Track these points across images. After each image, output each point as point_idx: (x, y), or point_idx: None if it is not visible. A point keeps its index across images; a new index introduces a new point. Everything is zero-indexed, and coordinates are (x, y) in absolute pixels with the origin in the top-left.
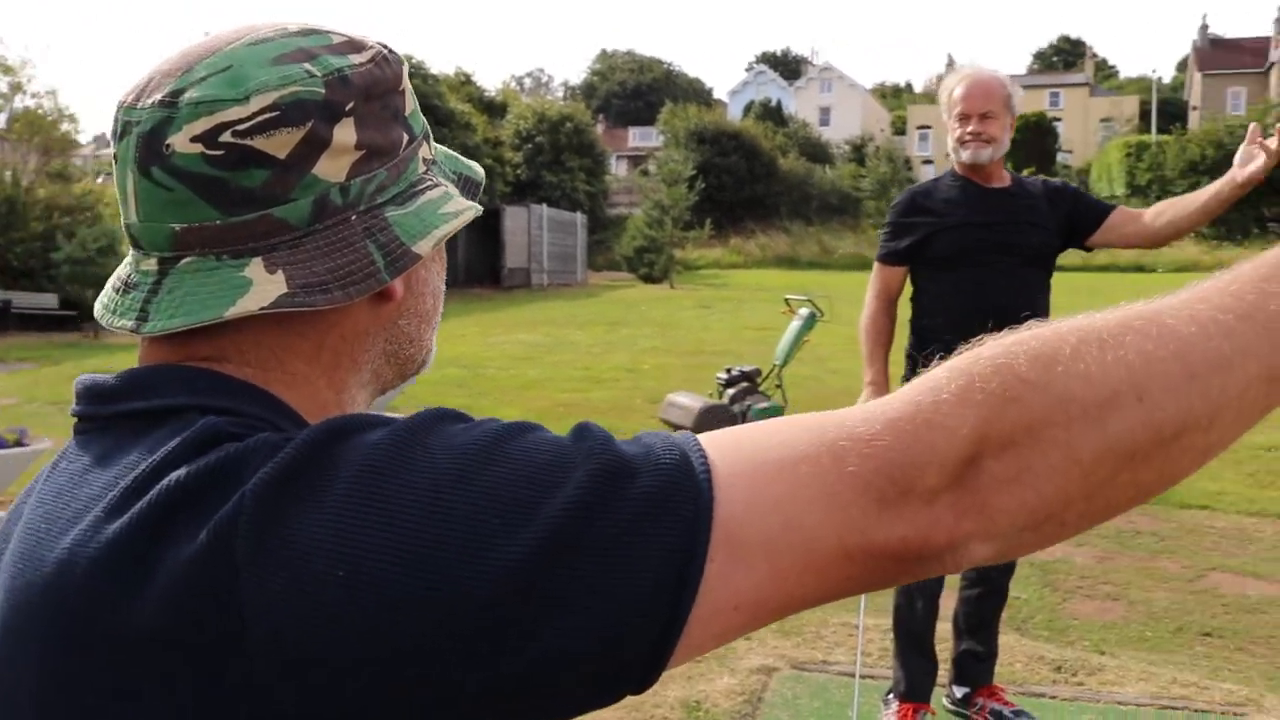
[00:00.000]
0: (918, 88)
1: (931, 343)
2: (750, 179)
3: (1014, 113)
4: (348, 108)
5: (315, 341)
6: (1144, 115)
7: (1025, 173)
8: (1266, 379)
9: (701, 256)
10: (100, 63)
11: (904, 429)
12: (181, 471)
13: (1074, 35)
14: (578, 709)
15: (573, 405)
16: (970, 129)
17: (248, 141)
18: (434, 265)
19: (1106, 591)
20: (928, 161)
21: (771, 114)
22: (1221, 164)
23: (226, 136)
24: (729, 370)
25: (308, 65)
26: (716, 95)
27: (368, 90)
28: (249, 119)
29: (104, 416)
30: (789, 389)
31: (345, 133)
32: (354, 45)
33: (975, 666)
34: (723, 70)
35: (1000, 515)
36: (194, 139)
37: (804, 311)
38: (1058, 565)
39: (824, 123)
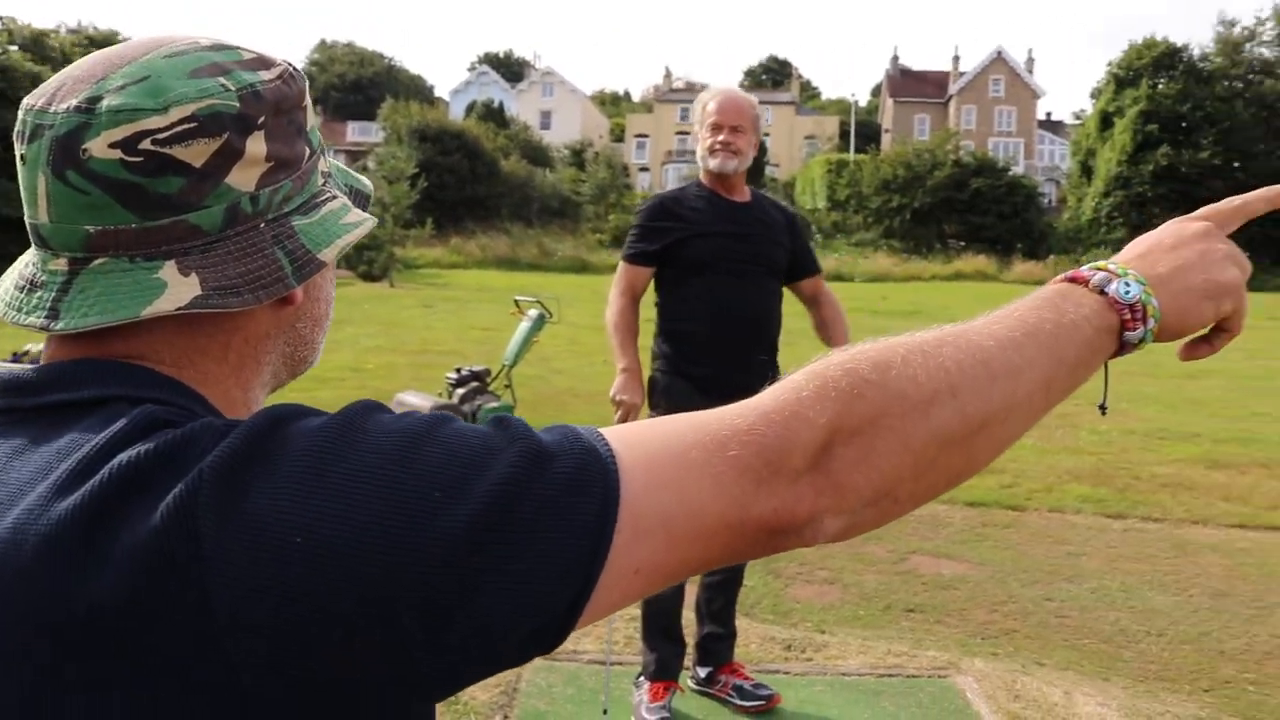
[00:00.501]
0: (635, 97)
1: (687, 345)
2: (472, 179)
3: (759, 134)
4: (259, 121)
5: (223, 343)
6: (844, 135)
7: None
8: (1044, 384)
9: (422, 255)
10: None
11: (774, 420)
12: (132, 453)
13: (782, 56)
14: (503, 666)
15: None
16: (721, 139)
17: (166, 150)
18: (328, 272)
19: (824, 576)
20: (644, 169)
21: (494, 115)
22: (910, 183)
23: (146, 144)
24: (458, 370)
25: (222, 79)
26: (438, 94)
27: (277, 105)
28: (168, 129)
29: (24, 409)
30: (517, 389)
31: (256, 145)
32: (263, 62)
33: (718, 647)
34: (445, 69)
35: (850, 493)
36: (113, 145)
37: (533, 313)
38: (779, 554)
39: (545, 126)
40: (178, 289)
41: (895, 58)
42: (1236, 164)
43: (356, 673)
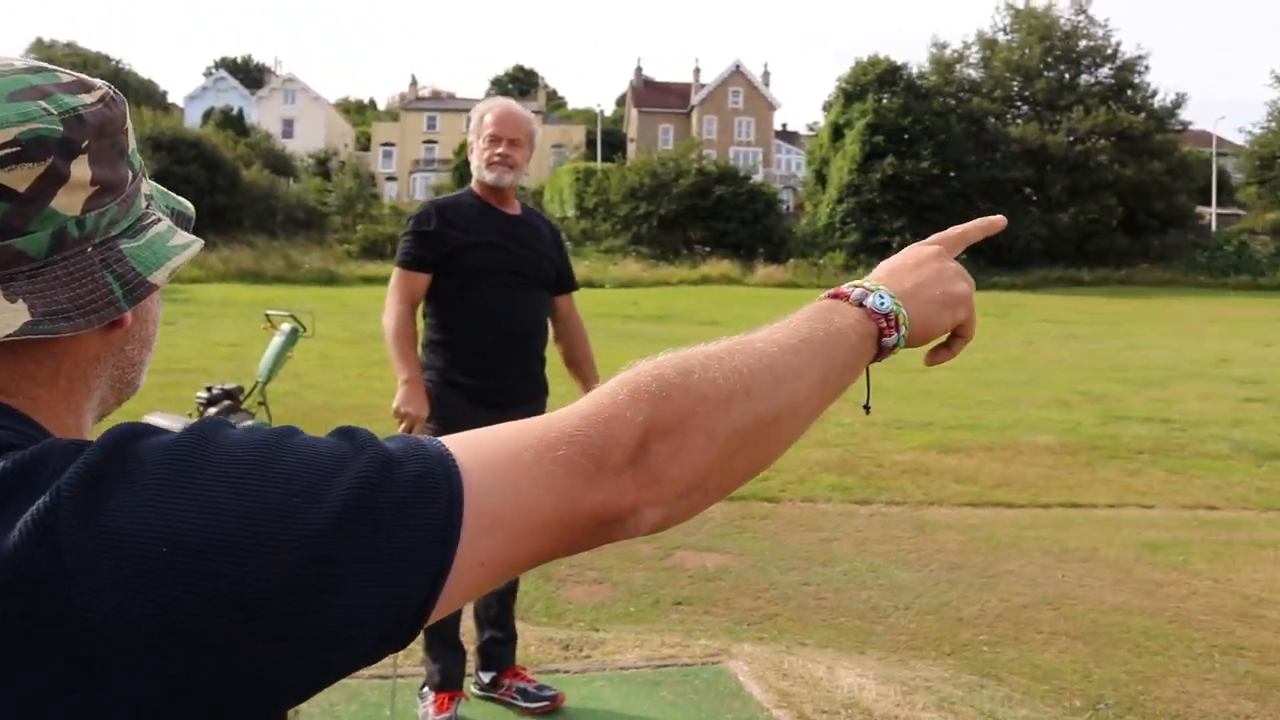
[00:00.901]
0: (381, 105)
1: (459, 355)
2: (211, 189)
3: (534, 148)
4: (82, 145)
5: (52, 369)
6: (590, 143)
7: None
8: (820, 384)
9: None
10: None
11: (596, 421)
12: None
13: (529, 66)
14: (362, 663)
15: None
16: (499, 151)
17: None
18: (156, 294)
19: (593, 576)
20: (391, 178)
21: (233, 123)
22: (656, 191)
23: None
24: (209, 389)
25: (43, 103)
26: (172, 99)
27: (100, 128)
28: None
29: None
30: (271, 405)
31: (81, 169)
32: (83, 85)
33: (499, 651)
34: (178, 74)
35: (667, 485)
36: None
37: (286, 327)
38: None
39: (287, 134)
40: (5, 315)
41: (639, 69)
42: (952, 173)
43: (225, 677)
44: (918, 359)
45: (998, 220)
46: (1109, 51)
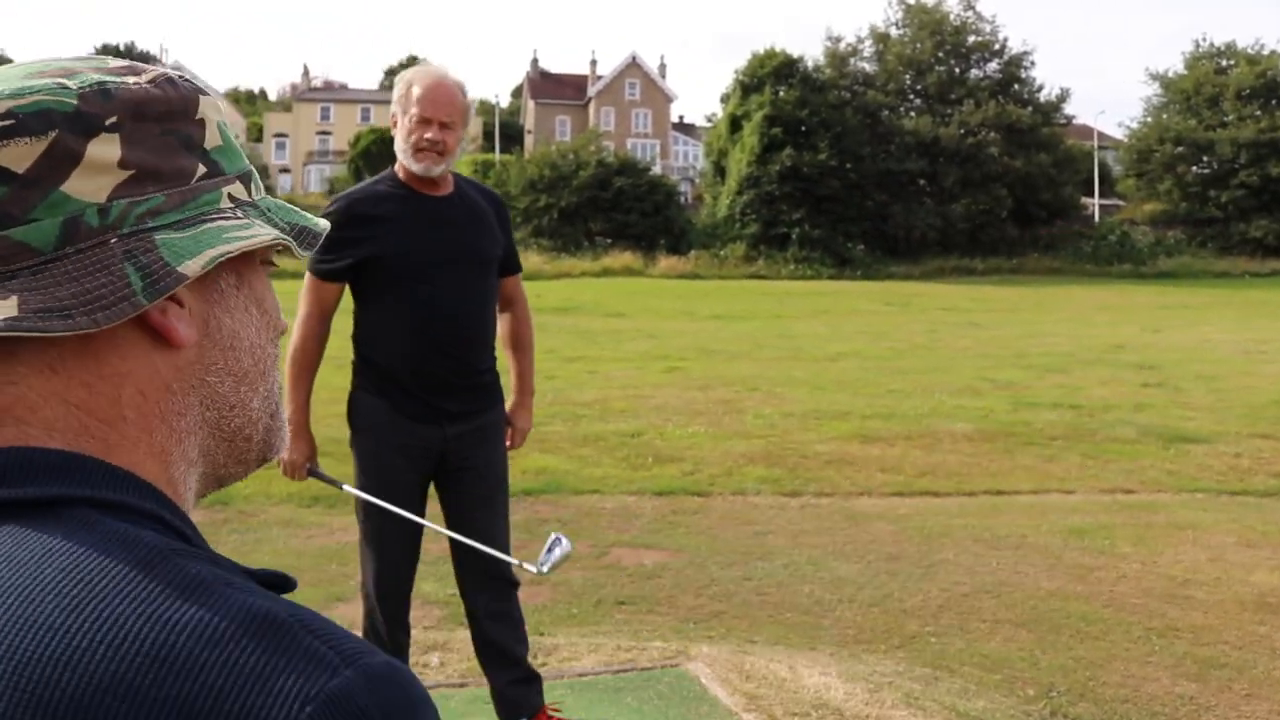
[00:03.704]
0: (272, 95)
1: (390, 362)
2: None
3: (467, 125)
4: (108, 122)
5: (109, 396)
6: (488, 135)
7: None
8: None
9: None
10: None
11: None
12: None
13: (423, 56)
14: None
15: None
16: (428, 136)
17: None
18: (246, 317)
19: (529, 577)
20: (285, 170)
21: None
22: (556, 183)
23: None
24: None
25: (63, 79)
26: None
27: (138, 108)
28: None
29: None
30: None
31: (104, 148)
32: (132, 69)
33: (525, 692)
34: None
35: None
36: None
37: None
38: None
39: None
40: None
41: (535, 60)
42: (849, 165)
43: None
44: (827, 349)
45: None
46: (996, 47)
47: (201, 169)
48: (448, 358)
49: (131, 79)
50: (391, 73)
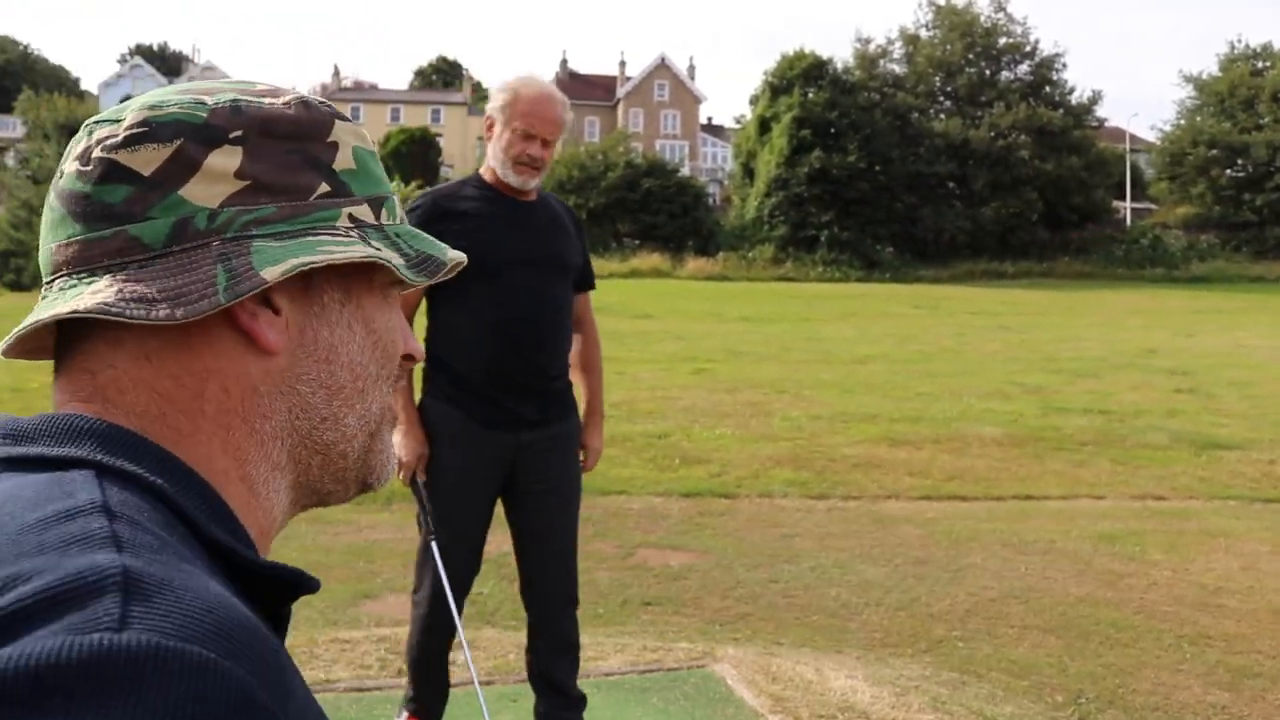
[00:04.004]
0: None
1: (465, 369)
2: None
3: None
4: (233, 135)
5: (193, 389)
6: None
7: (413, 185)
8: None
9: None
10: None
11: None
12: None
13: (452, 57)
14: None
15: None
16: (530, 152)
17: (112, 155)
18: (348, 335)
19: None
20: None
21: None
22: (585, 184)
23: (97, 151)
24: None
25: (204, 96)
26: (85, 86)
27: (266, 125)
28: (120, 134)
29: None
30: None
31: (225, 159)
32: (274, 92)
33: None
34: (92, 60)
35: None
36: (75, 158)
37: None
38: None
39: None
40: (85, 297)
41: (564, 61)
42: (878, 167)
43: None
44: (855, 351)
45: None
46: (1028, 49)
47: (325, 187)
48: (524, 360)
49: (269, 100)
50: (422, 73)
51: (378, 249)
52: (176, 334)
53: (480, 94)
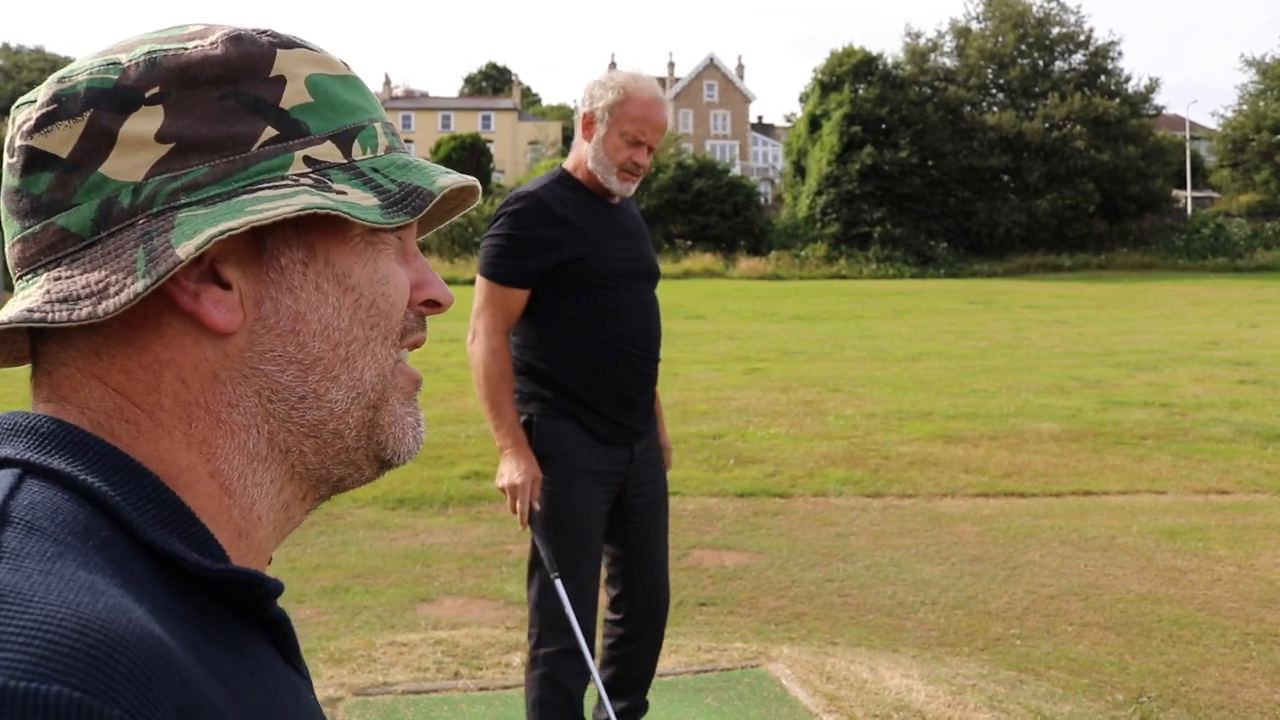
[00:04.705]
0: None
1: (581, 382)
2: None
3: None
4: (149, 94)
5: (147, 383)
6: (567, 139)
7: None
8: None
9: None
10: None
11: None
12: None
13: (501, 63)
14: None
15: None
16: (637, 159)
17: (29, 141)
18: (318, 297)
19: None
20: None
21: None
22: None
23: (19, 139)
24: None
25: (120, 55)
26: None
27: (188, 73)
28: (33, 117)
29: None
30: None
31: (142, 123)
32: (203, 33)
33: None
34: None
35: None
36: (4, 149)
37: None
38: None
39: None
40: (13, 304)
41: (613, 64)
42: (930, 162)
43: None
44: (910, 348)
45: None
46: (1082, 38)
47: (270, 132)
48: (636, 372)
49: (194, 44)
50: (471, 80)
51: (341, 193)
52: (119, 327)
53: (530, 99)
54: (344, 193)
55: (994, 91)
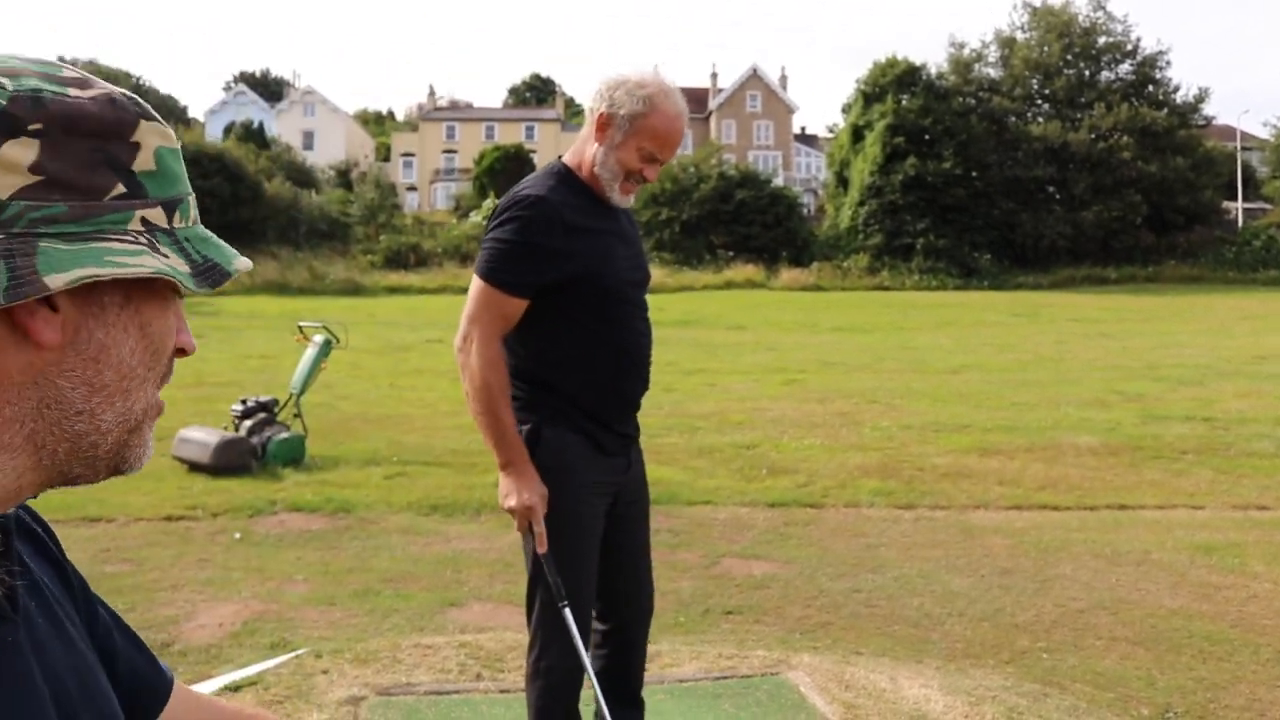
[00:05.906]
0: (400, 116)
1: (584, 391)
2: (235, 202)
3: None
4: (32, 128)
5: None
6: None
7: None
8: None
9: None
10: None
11: None
12: None
13: (545, 74)
14: None
15: None
16: (647, 174)
17: None
18: (122, 336)
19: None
20: (412, 189)
21: (253, 136)
22: (677, 196)
23: None
24: (244, 401)
25: (4, 79)
26: (192, 114)
27: (70, 121)
28: None
29: None
30: (306, 417)
31: (20, 151)
32: (82, 83)
33: None
34: (198, 88)
35: None
36: None
37: (319, 339)
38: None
39: (307, 146)
40: None
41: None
42: (974, 173)
43: None
44: (950, 360)
45: None
46: (1129, 48)
47: (120, 189)
48: (641, 379)
49: (74, 91)
50: (515, 91)
51: (165, 257)
52: None
53: (573, 110)
54: (168, 257)
55: (1039, 102)
